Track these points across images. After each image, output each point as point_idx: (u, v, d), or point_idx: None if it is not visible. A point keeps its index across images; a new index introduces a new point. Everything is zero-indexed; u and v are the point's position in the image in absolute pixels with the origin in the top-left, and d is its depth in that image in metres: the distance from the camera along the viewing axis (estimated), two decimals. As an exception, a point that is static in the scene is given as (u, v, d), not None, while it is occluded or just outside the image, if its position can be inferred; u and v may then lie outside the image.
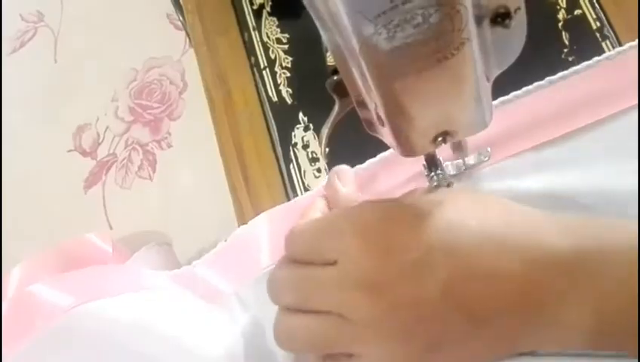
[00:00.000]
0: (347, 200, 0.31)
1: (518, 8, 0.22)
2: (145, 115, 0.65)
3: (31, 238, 0.63)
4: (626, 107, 0.31)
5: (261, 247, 0.34)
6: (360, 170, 0.33)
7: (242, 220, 0.36)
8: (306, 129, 0.38)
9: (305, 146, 0.37)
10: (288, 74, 0.39)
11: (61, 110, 0.70)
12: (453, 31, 0.20)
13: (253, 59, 0.41)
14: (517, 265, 0.23)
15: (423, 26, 0.20)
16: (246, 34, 0.41)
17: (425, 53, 0.21)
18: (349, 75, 0.24)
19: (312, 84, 0.37)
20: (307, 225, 0.27)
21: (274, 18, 0.41)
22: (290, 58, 0.40)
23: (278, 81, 0.39)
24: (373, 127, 0.27)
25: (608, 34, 0.35)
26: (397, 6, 0.19)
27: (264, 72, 0.40)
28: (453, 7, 0.20)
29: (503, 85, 0.33)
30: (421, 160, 0.30)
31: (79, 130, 0.68)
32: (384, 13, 0.19)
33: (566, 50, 0.35)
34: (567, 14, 0.36)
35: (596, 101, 0.31)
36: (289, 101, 0.39)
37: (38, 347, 0.29)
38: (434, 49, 0.21)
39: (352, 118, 0.30)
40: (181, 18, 0.57)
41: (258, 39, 0.41)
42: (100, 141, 0.66)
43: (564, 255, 0.22)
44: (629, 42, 0.32)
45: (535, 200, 0.29)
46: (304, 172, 0.37)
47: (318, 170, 0.37)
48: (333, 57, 0.24)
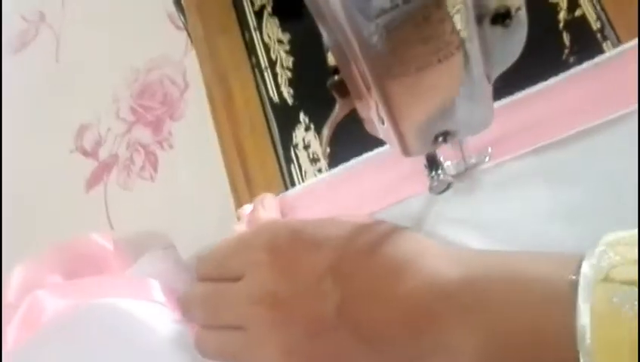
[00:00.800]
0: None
1: (519, 8, 0.22)
2: (146, 115, 0.65)
3: (32, 239, 0.63)
4: (629, 108, 0.31)
5: None
6: (287, 196, 0.34)
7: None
8: (306, 129, 0.38)
9: (306, 146, 0.37)
10: (289, 74, 0.39)
11: (63, 110, 0.70)
12: (453, 31, 0.21)
13: (254, 59, 0.41)
14: (405, 291, 0.24)
15: (424, 26, 0.20)
16: (247, 34, 0.41)
17: (425, 53, 0.21)
18: (350, 74, 0.24)
19: (313, 85, 0.37)
20: (219, 244, 0.28)
21: (275, 18, 0.41)
22: (291, 58, 0.40)
23: (279, 82, 0.39)
24: (373, 127, 0.28)
25: (609, 35, 0.35)
26: (397, 5, 0.19)
27: (265, 72, 0.40)
28: (454, 7, 0.20)
29: (504, 85, 0.33)
30: (413, 159, 0.30)
31: (81, 131, 0.68)
32: (385, 12, 0.19)
33: (566, 50, 0.35)
34: (568, 15, 0.36)
35: (597, 102, 0.31)
36: (290, 101, 0.39)
37: (47, 335, 0.30)
38: (434, 48, 0.21)
39: (353, 118, 0.30)
40: (182, 18, 0.57)
41: (259, 39, 0.41)
42: (102, 142, 0.66)
43: (452, 283, 0.23)
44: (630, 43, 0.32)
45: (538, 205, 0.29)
46: (305, 172, 0.37)
47: (319, 170, 0.37)
48: (334, 57, 0.24)
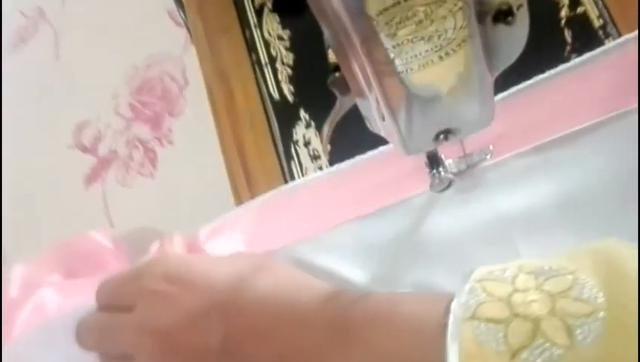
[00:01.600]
0: None
1: (521, 5, 0.22)
2: (146, 111, 0.65)
3: (31, 235, 0.63)
4: (629, 104, 0.31)
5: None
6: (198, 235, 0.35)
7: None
8: (307, 126, 0.38)
9: (306, 143, 0.37)
10: (290, 71, 0.39)
11: (62, 106, 0.70)
12: (455, 28, 0.21)
13: (254, 56, 0.41)
14: (286, 328, 0.25)
15: (425, 23, 0.20)
16: (247, 31, 0.41)
17: (427, 50, 0.21)
18: (351, 71, 0.24)
19: (314, 81, 0.37)
20: (114, 275, 0.30)
21: (275, 15, 0.41)
22: (291, 55, 0.40)
23: (280, 78, 0.39)
24: (374, 124, 0.27)
25: (611, 31, 0.35)
26: (399, 3, 0.19)
27: (265, 68, 0.40)
28: (456, 4, 0.20)
29: (506, 82, 0.33)
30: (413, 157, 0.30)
31: (80, 127, 0.68)
32: (386, 9, 0.19)
33: (568, 47, 0.35)
34: (570, 12, 0.36)
35: (598, 99, 0.31)
36: (290, 98, 0.39)
37: (50, 333, 0.32)
38: (436, 46, 0.21)
39: (353, 115, 0.30)
40: (182, 15, 0.57)
41: (259, 36, 0.41)
42: (101, 138, 0.66)
43: (331, 320, 0.25)
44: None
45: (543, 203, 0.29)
46: (305, 169, 0.37)
47: (320, 167, 0.37)
48: (334, 54, 0.24)
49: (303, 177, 0.37)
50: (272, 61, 0.40)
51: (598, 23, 0.35)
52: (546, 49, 0.34)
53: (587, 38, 0.35)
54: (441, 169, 0.30)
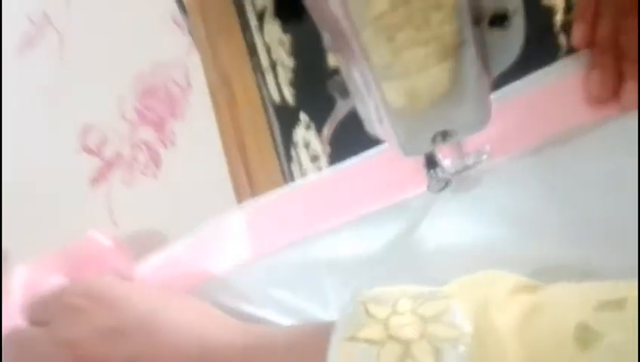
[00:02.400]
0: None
1: (516, 10, 0.22)
2: (150, 114, 0.66)
3: (36, 237, 0.64)
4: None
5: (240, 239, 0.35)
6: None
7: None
8: (307, 128, 0.38)
9: (306, 145, 0.38)
10: (290, 74, 0.40)
11: (67, 110, 0.70)
12: (452, 32, 0.21)
13: (255, 60, 0.41)
14: (194, 354, 0.27)
15: (423, 28, 0.20)
16: (249, 35, 0.42)
17: (424, 54, 0.21)
18: (350, 75, 0.25)
19: (314, 85, 0.38)
20: (43, 292, 0.32)
21: (276, 20, 0.41)
22: (292, 59, 0.40)
23: (280, 81, 0.40)
24: (373, 126, 0.28)
25: (607, 35, 0.35)
26: (398, 7, 0.20)
27: (266, 72, 0.40)
28: (453, 9, 0.20)
29: (502, 86, 0.34)
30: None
31: (85, 130, 0.68)
32: (385, 14, 0.20)
33: (563, 52, 0.35)
34: (565, 16, 0.36)
35: (592, 101, 0.31)
36: (291, 101, 0.39)
37: None
38: (433, 50, 0.21)
39: (353, 117, 0.30)
40: (185, 20, 0.57)
41: (261, 40, 0.41)
42: (106, 140, 0.66)
43: (235, 349, 0.27)
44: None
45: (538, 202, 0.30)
46: (305, 170, 0.37)
47: (319, 168, 0.37)
48: (334, 58, 0.24)
49: (303, 178, 0.37)
50: (273, 65, 0.40)
51: (593, 27, 0.36)
52: (541, 53, 0.34)
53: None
54: (438, 170, 0.30)
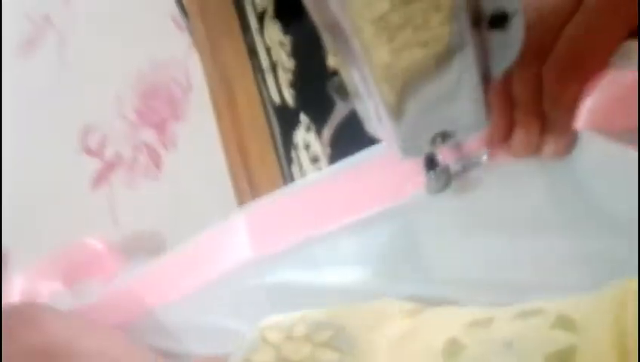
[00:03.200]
0: None
1: (516, 12, 0.22)
2: (150, 115, 0.66)
3: (37, 238, 0.64)
4: None
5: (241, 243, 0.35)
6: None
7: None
8: (307, 130, 0.38)
9: (306, 147, 0.38)
10: (290, 76, 0.40)
11: (67, 110, 0.70)
12: (451, 33, 0.21)
13: (256, 61, 0.41)
14: None
15: (423, 29, 0.20)
16: (249, 37, 0.42)
17: (424, 55, 0.21)
18: (350, 76, 0.25)
19: (314, 86, 0.38)
20: None
21: (276, 21, 0.41)
22: (292, 60, 0.40)
23: (281, 83, 0.40)
24: (373, 128, 0.28)
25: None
26: (397, 9, 0.20)
27: (267, 74, 0.40)
28: (452, 10, 0.20)
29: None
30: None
31: (85, 131, 0.68)
32: (385, 15, 0.20)
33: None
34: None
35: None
36: (291, 102, 0.39)
37: None
38: (433, 51, 0.21)
39: (353, 118, 0.30)
40: (186, 21, 0.58)
41: (261, 42, 0.41)
42: (107, 141, 0.66)
43: None
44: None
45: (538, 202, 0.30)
46: (305, 172, 0.37)
47: (319, 169, 0.37)
48: (334, 59, 0.24)
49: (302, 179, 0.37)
50: (273, 66, 0.40)
51: (594, 28, 0.36)
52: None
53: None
54: (437, 171, 0.30)
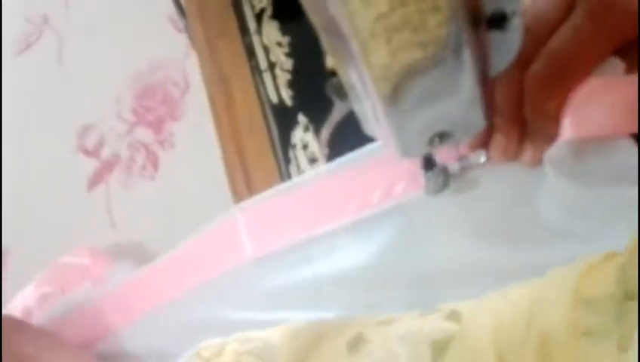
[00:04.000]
0: None
1: (515, 12, 0.22)
2: (148, 115, 0.66)
3: (33, 238, 0.64)
4: None
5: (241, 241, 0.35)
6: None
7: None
8: (305, 130, 0.38)
9: (304, 147, 0.38)
10: (288, 76, 0.40)
11: (65, 111, 0.70)
12: (449, 34, 0.21)
13: (254, 61, 0.41)
14: None
15: (421, 30, 0.20)
16: (247, 37, 0.42)
17: (422, 56, 0.21)
18: (349, 77, 0.25)
19: (312, 86, 0.38)
20: None
21: (275, 21, 0.41)
22: (290, 61, 0.40)
23: (279, 83, 0.40)
24: (371, 128, 0.28)
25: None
26: (395, 9, 0.20)
27: (265, 74, 0.40)
28: (450, 11, 0.20)
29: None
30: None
31: (83, 131, 0.68)
32: (382, 16, 0.20)
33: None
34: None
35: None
36: (289, 102, 0.39)
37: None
38: (431, 52, 0.21)
39: (351, 119, 0.30)
40: (183, 21, 0.57)
41: (259, 42, 0.41)
42: (104, 142, 0.66)
43: None
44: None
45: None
46: (303, 172, 0.37)
47: (318, 170, 0.37)
48: (332, 60, 0.24)
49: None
50: (271, 66, 0.40)
51: (592, 29, 0.36)
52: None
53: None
54: (435, 172, 0.30)
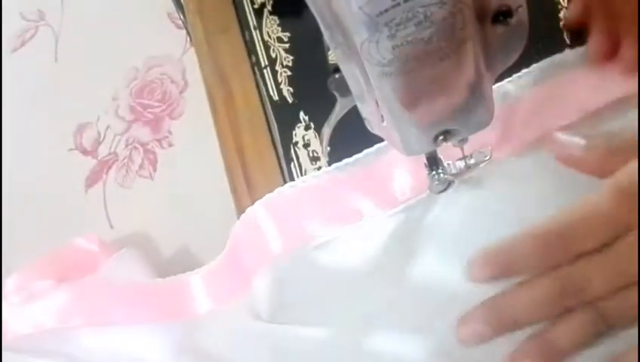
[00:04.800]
0: None
1: (520, 6, 0.22)
2: (146, 113, 0.65)
3: (31, 237, 0.63)
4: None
5: (268, 236, 0.34)
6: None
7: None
8: (307, 128, 0.38)
9: (306, 145, 0.37)
10: (289, 72, 0.39)
11: (62, 109, 0.70)
12: (454, 29, 0.21)
13: (254, 58, 0.41)
14: None
15: (425, 24, 0.20)
16: (247, 33, 0.41)
17: (426, 52, 0.21)
18: (351, 73, 0.24)
19: (313, 83, 0.37)
20: None
21: (275, 17, 0.41)
22: (291, 57, 0.40)
23: (279, 80, 0.39)
24: (374, 126, 0.27)
25: (610, 33, 0.35)
26: (399, 4, 0.19)
27: (265, 70, 0.40)
28: (455, 6, 0.20)
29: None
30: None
31: (80, 129, 0.68)
32: (386, 11, 0.19)
33: (567, 49, 0.35)
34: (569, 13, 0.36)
35: (596, 95, 0.31)
36: (290, 100, 0.39)
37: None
38: (435, 47, 0.21)
39: (353, 116, 0.30)
40: (182, 17, 0.57)
41: (259, 38, 0.41)
42: (101, 140, 0.66)
43: None
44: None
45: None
46: (305, 171, 0.37)
47: (319, 168, 0.37)
48: (334, 56, 0.24)
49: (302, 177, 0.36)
50: (272, 63, 0.40)
51: (597, 24, 0.35)
52: (544, 50, 0.34)
53: (586, 39, 0.35)
54: (440, 170, 0.30)
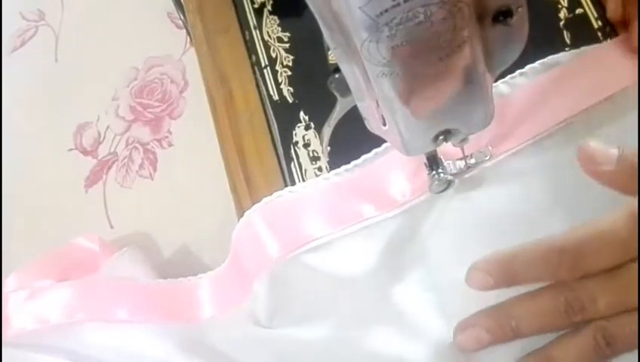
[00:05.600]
0: None
1: (520, 7, 0.22)
2: (146, 113, 0.65)
3: (31, 237, 0.63)
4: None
5: (265, 241, 0.34)
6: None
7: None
8: (307, 127, 0.38)
9: (306, 145, 0.37)
10: (289, 72, 0.39)
11: (62, 109, 0.70)
12: (454, 29, 0.21)
13: (254, 57, 0.41)
14: None
15: (425, 24, 0.20)
16: (247, 33, 0.41)
17: (426, 52, 0.21)
18: (351, 73, 0.24)
19: (314, 83, 0.37)
20: None
21: (275, 17, 0.41)
22: (291, 57, 0.40)
23: (279, 80, 0.39)
24: (374, 126, 0.27)
25: (610, 33, 0.35)
26: (399, 4, 0.19)
27: (265, 70, 0.40)
28: (455, 5, 0.20)
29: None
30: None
31: (80, 129, 0.68)
32: (386, 11, 0.19)
33: (567, 49, 0.35)
34: (569, 13, 0.36)
35: (593, 95, 0.31)
36: (290, 99, 0.39)
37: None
38: (436, 47, 0.21)
39: (353, 116, 0.29)
40: (182, 17, 0.57)
41: (259, 38, 0.41)
42: (101, 140, 0.66)
43: None
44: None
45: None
46: (305, 171, 0.37)
47: (319, 168, 0.37)
48: (334, 55, 0.24)
49: (304, 178, 0.36)
50: (272, 63, 0.40)
51: (597, 24, 0.35)
52: (545, 50, 0.34)
53: (586, 39, 0.35)
54: (440, 170, 0.30)
